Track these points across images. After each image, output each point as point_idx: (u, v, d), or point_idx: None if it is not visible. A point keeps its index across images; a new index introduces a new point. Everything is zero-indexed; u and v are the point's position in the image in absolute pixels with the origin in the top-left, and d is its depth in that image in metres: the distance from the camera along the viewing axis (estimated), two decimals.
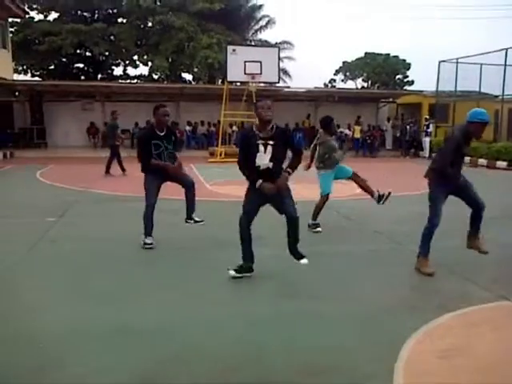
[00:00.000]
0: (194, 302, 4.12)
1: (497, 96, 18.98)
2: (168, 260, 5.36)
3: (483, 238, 5.02)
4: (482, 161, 17.25)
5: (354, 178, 6.86)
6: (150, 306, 4.02)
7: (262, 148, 4.33)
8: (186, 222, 5.94)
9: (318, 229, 6.60)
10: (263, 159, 4.34)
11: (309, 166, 6.93)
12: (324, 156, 6.67)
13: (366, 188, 6.81)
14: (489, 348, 3.36)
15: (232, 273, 4.54)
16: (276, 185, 4.32)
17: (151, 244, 5.62)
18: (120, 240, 6.02)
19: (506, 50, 17.46)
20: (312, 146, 7.00)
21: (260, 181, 4.34)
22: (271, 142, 4.33)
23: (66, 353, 3.23)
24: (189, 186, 5.87)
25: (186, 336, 3.49)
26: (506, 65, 17.58)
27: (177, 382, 2.91)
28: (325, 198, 6.74)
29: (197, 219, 5.91)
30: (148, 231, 5.68)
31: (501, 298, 4.24)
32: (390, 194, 6.75)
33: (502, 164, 16.63)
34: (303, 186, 6.39)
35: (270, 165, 4.34)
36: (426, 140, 20.60)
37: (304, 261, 4.56)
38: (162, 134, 5.60)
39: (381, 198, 6.70)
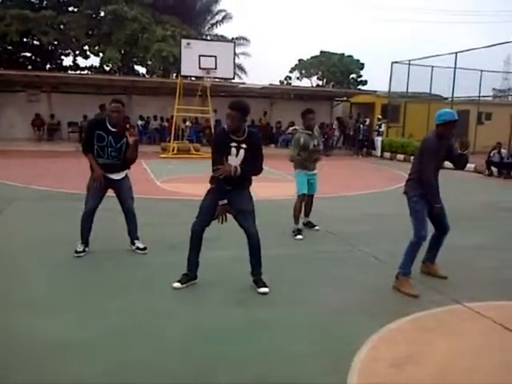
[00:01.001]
0: (138, 312, 3.86)
1: (446, 98, 19.52)
2: (112, 264, 5.05)
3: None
4: None
5: (310, 199, 6.69)
6: (91, 317, 3.73)
7: (234, 151, 4.14)
8: (130, 246, 5.45)
9: (299, 236, 6.29)
10: (234, 162, 4.13)
11: None
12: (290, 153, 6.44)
13: (302, 210, 6.60)
14: (441, 354, 3.32)
15: (176, 285, 4.27)
16: (227, 168, 4.06)
17: (81, 252, 5.15)
18: (61, 242, 5.62)
19: (456, 53, 17.98)
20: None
21: (225, 201, 4.12)
22: (244, 146, 4.14)
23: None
24: (128, 212, 5.37)
25: (130, 349, 3.23)
26: (455, 68, 18.09)
27: None
28: (301, 197, 6.52)
29: (140, 246, 5.40)
30: (82, 237, 5.23)
31: (453, 302, 4.23)
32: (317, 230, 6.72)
33: (448, 164, 17.07)
34: (262, 185, 6.15)
35: (239, 168, 4.11)
36: (378, 139, 20.97)
37: (264, 289, 4.28)
38: (113, 129, 5.09)
39: (298, 231, 6.37)
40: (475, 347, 3.47)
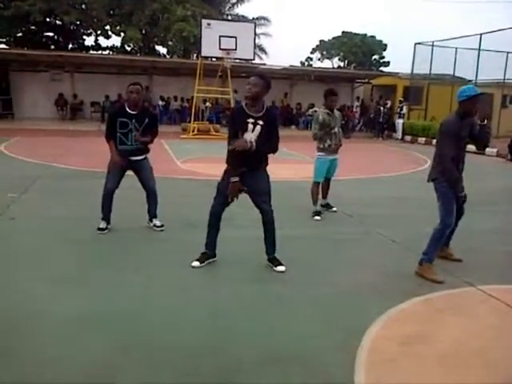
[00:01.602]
0: (156, 288, 3.99)
1: (470, 80, 19.13)
2: (133, 241, 5.21)
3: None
4: None
5: (327, 183, 6.75)
6: (110, 291, 3.88)
7: (250, 126, 4.16)
8: (148, 222, 5.63)
9: (317, 217, 6.37)
10: (250, 138, 4.15)
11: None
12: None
13: (322, 192, 6.73)
14: (451, 334, 3.37)
15: (195, 263, 4.36)
16: (243, 143, 4.10)
17: (103, 230, 5.34)
18: (83, 219, 5.79)
19: (481, 35, 17.57)
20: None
21: (236, 178, 4.17)
22: (260, 122, 4.16)
23: (23, 339, 3.08)
24: (149, 192, 5.54)
25: (147, 323, 3.37)
26: (479, 49, 17.70)
27: (137, 370, 2.80)
28: (317, 184, 6.57)
29: (157, 223, 5.56)
30: (103, 215, 5.40)
31: (466, 285, 4.26)
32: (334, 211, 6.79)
33: (471, 147, 16.84)
34: (282, 167, 6.19)
35: (254, 143, 4.13)
36: (400, 122, 20.73)
37: (281, 268, 4.38)
38: (134, 112, 5.20)
39: (316, 213, 6.43)
40: (487, 328, 3.51)
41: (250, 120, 4.16)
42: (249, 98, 4.17)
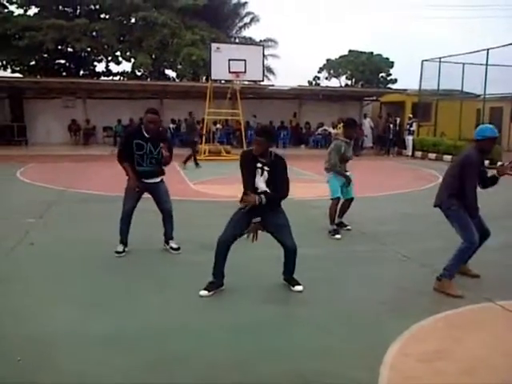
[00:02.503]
0: (175, 308, 4.05)
1: (478, 95, 19.18)
2: (150, 263, 5.28)
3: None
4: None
5: (347, 203, 6.75)
6: (132, 312, 3.95)
7: (259, 171, 4.32)
8: (164, 245, 5.69)
9: (337, 236, 6.41)
10: (260, 182, 4.31)
11: None
12: (329, 155, 6.52)
13: (339, 212, 6.72)
14: (471, 351, 3.37)
15: (203, 293, 4.32)
16: (251, 199, 4.23)
17: (121, 253, 5.42)
18: (101, 243, 5.89)
19: (488, 50, 17.64)
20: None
21: (258, 218, 4.27)
22: (267, 168, 4.31)
23: (51, 359, 3.15)
24: (165, 214, 5.59)
25: (170, 343, 3.43)
26: (487, 65, 17.77)
27: None
28: (336, 201, 6.59)
29: (174, 246, 5.62)
30: (121, 238, 5.49)
31: (485, 300, 4.26)
32: (349, 229, 6.78)
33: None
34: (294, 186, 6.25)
35: (263, 197, 4.25)
36: (409, 138, 20.75)
37: (299, 287, 4.43)
38: (149, 136, 5.28)
39: (335, 231, 6.47)
40: (506, 345, 3.50)
41: (259, 164, 4.32)
42: (257, 155, 4.31)
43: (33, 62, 29.19)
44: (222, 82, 19.68)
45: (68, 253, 5.59)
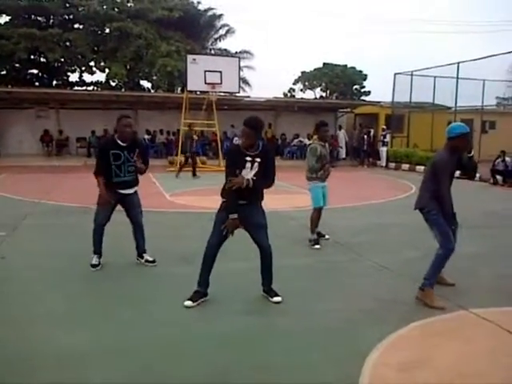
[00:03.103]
0: (153, 323, 3.98)
1: (450, 108, 19.66)
2: (125, 276, 5.19)
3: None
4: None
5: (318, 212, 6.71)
6: (108, 327, 3.86)
7: (248, 165, 4.27)
8: (137, 259, 5.59)
9: (317, 246, 6.42)
10: (248, 175, 4.25)
11: None
12: (307, 161, 6.50)
13: (313, 222, 6.68)
14: (449, 359, 3.41)
15: (188, 303, 4.28)
16: (240, 180, 4.18)
17: (97, 266, 5.32)
18: (75, 256, 5.76)
19: (458, 63, 18.15)
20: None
21: (235, 215, 4.21)
22: (258, 160, 4.28)
23: (23, 377, 3.04)
24: (137, 226, 5.53)
25: (147, 358, 3.35)
26: (458, 78, 18.26)
27: None
28: (317, 210, 6.59)
29: (149, 259, 5.52)
30: (95, 248, 5.39)
31: (459, 308, 4.32)
32: (327, 239, 6.80)
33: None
34: (271, 197, 6.26)
35: (251, 180, 4.21)
36: (383, 149, 21.11)
37: (277, 298, 4.41)
38: (124, 144, 5.24)
39: (315, 241, 6.49)
40: (483, 352, 3.56)
41: (248, 158, 4.27)
42: (245, 147, 4.28)
43: (3, 72, 28.65)
44: (198, 93, 19.68)
45: (40, 267, 5.44)
